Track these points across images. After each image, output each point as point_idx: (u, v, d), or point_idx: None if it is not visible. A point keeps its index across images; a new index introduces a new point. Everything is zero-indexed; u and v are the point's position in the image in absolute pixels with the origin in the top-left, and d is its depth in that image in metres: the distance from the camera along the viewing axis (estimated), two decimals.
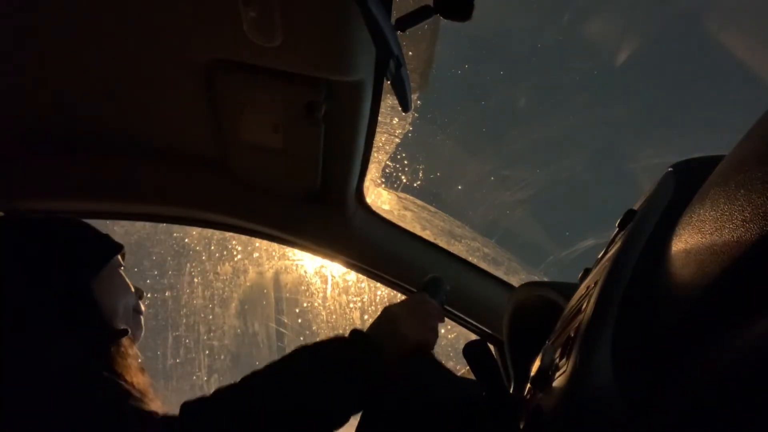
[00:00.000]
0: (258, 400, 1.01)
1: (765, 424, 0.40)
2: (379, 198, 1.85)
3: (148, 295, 1.37)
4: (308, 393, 1.02)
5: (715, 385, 0.43)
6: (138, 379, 1.16)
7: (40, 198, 1.57)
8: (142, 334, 1.35)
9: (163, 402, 1.16)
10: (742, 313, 0.41)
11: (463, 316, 1.80)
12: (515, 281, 1.83)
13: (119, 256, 1.34)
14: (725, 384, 0.43)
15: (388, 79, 1.03)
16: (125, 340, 1.24)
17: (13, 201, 1.53)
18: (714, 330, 0.44)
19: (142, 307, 1.34)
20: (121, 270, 1.35)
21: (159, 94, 1.37)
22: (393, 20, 1.02)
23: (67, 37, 1.20)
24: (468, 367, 1.01)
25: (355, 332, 1.12)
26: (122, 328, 1.23)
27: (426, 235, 1.84)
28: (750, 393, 0.41)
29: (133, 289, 1.33)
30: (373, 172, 1.68)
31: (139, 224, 1.74)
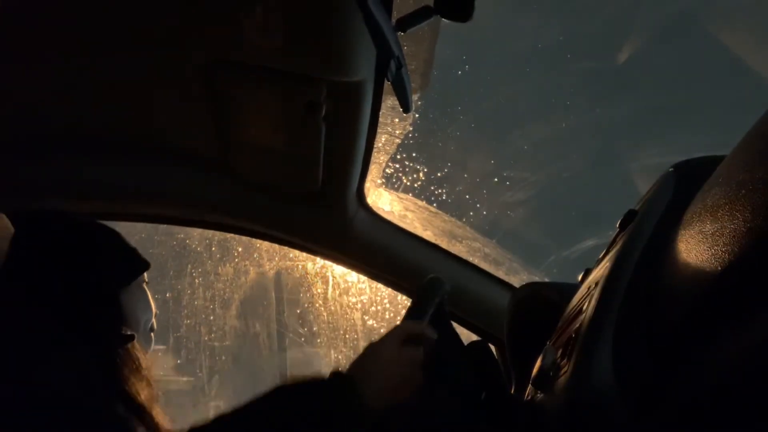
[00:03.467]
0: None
1: (766, 423, 0.40)
2: (380, 198, 1.85)
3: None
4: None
5: (715, 385, 0.43)
6: (144, 392, 1.17)
7: (40, 198, 1.57)
8: (151, 349, 1.35)
9: (165, 404, 1.17)
10: (743, 313, 0.41)
11: (464, 316, 1.80)
12: (516, 281, 1.83)
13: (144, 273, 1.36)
14: (726, 383, 0.43)
15: (388, 80, 1.03)
16: (139, 352, 1.24)
17: (14, 201, 1.53)
18: (714, 330, 0.44)
19: (155, 325, 1.36)
20: (146, 285, 1.36)
21: (160, 94, 1.37)
22: (393, 21, 1.02)
23: (67, 37, 1.20)
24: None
25: (336, 376, 1.05)
26: (128, 334, 1.24)
27: (427, 235, 1.84)
28: (751, 392, 0.41)
29: (153, 307, 1.34)
30: (373, 173, 1.68)
31: (139, 225, 1.74)
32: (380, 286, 1.85)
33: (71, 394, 1.00)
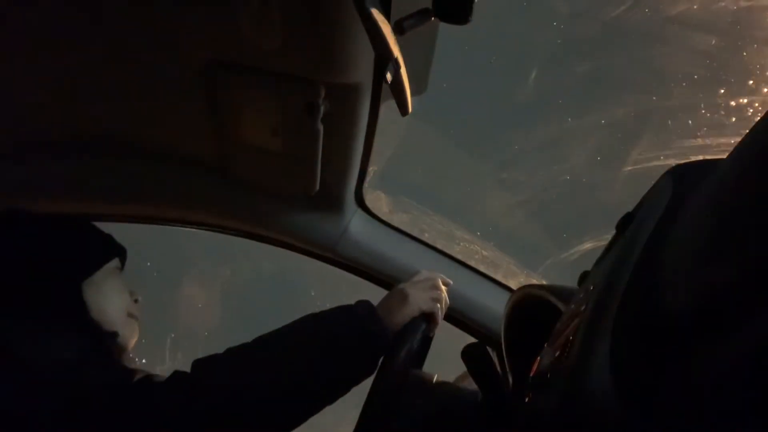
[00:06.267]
0: (263, 364, 1.04)
1: (765, 424, 0.40)
2: (378, 200, 1.85)
3: (150, 298, 1.37)
4: (312, 362, 1.07)
5: (713, 387, 0.44)
6: None
7: (39, 198, 1.57)
8: (136, 337, 1.34)
9: None
10: (741, 315, 0.41)
11: (461, 318, 1.80)
12: (514, 284, 1.83)
13: (118, 259, 1.34)
14: (724, 385, 0.43)
15: (386, 82, 1.03)
16: (114, 347, 1.23)
17: (13, 201, 1.53)
18: (713, 332, 0.44)
19: (137, 311, 1.34)
20: (119, 272, 1.34)
21: (158, 96, 1.37)
22: (392, 23, 1.02)
23: (66, 38, 1.20)
24: (466, 370, 1.01)
25: (360, 304, 1.17)
26: (110, 331, 1.23)
27: (425, 237, 1.84)
28: (748, 393, 0.41)
29: (128, 293, 1.32)
30: (372, 175, 1.68)
31: (137, 226, 1.74)
32: (379, 288, 1.85)
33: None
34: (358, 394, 1.12)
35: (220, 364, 1.04)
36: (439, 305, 1.25)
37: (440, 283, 1.29)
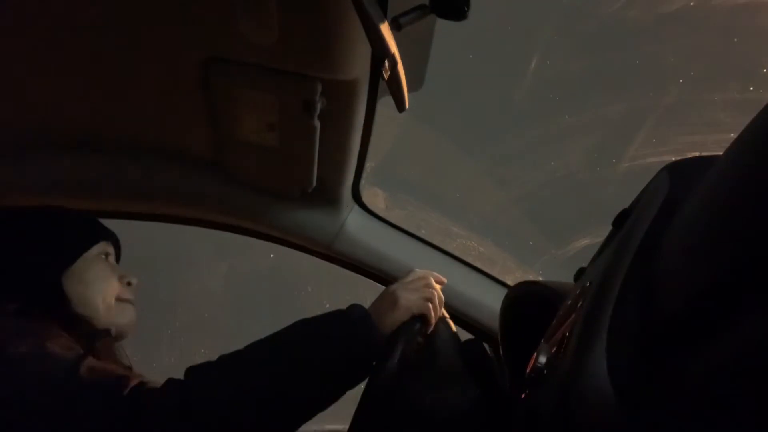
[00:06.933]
0: (256, 371, 1.03)
1: (762, 422, 0.40)
2: (375, 197, 1.86)
3: (147, 294, 1.32)
4: (305, 368, 1.05)
5: (709, 385, 0.44)
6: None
7: (38, 197, 1.56)
8: (132, 321, 1.28)
9: None
10: (737, 311, 0.41)
11: (458, 315, 1.80)
12: (510, 280, 1.83)
13: (105, 243, 1.30)
14: (719, 383, 0.43)
15: (383, 78, 1.03)
16: (108, 342, 1.21)
17: (12, 200, 1.53)
18: (709, 329, 0.44)
19: (129, 295, 1.29)
20: (105, 258, 1.29)
21: (155, 93, 1.37)
22: (389, 19, 1.02)
23: (64, 37, 1.19)
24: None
25: (354, 308, 1.14)
26: (101, 328, 1.20)
27: (422, 234, 1.84)
28: (743, 391, 0.41)
29: (117, 278, 1.27)
30: (369, 171, 1.68)
31: (136, 222, 1.74)
32: (375, 284, 1.85)
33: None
34: (355, 394, 1.11)
35: (213, 372, 1.03)
36: (431, 305, 1.21)
37: (433, 282, 1.24)
